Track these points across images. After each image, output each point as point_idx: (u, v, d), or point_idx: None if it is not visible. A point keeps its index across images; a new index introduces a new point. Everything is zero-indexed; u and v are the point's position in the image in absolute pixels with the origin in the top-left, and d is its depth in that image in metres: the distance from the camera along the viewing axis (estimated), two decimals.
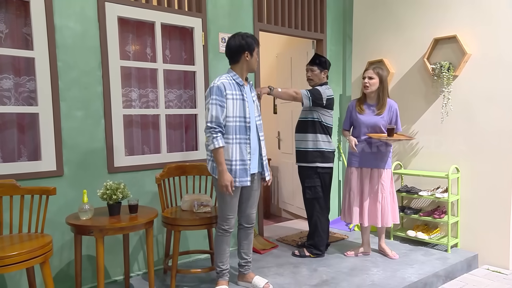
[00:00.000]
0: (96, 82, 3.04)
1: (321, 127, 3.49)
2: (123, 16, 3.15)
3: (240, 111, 2.69)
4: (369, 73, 3.41)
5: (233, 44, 2.72)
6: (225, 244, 2.86)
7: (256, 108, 2.83)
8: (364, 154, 3.47)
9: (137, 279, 3.20)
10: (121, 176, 3.15)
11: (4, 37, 2.73)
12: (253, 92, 2.86)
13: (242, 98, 2.70)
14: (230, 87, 2.66)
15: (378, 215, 3.44)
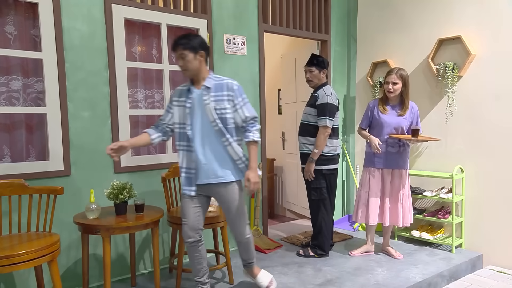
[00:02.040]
0: (103, 83, 3.05)
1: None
2: (130, 17, 3.16)
3: (180, 118, 2.58)
4: (392, 78, 3.34)
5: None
6: (191, 254, 2.69)
7: (213, 113, 2.49)
8: (389, 155, 3.43)
9: (143, 278, 3.22)
10: (127, 176, 3.17)
11: (13, 39, 2.75)
12: (211, 93, 2.53)
13: (183, 105, 2.56)
14: (178, 94, 2.61)
15: (399, 215, 3.44)
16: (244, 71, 3.86)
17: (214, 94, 2.53)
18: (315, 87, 3.55)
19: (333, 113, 3.41)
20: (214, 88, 2.54)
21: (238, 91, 2.57)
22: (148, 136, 2.61)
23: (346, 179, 4.85)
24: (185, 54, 2.45)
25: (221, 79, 2.59)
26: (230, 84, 2.55)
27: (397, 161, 3.43)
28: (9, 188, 2.46)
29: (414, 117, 3.44)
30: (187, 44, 2.45)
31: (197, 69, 2.51)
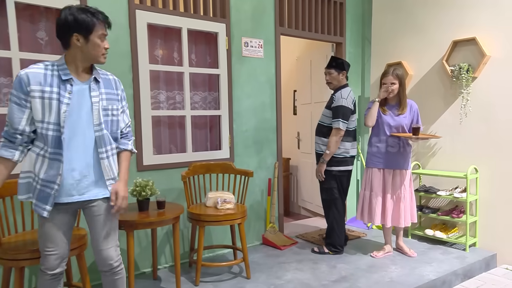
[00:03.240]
0: (127, 85, 3.11)
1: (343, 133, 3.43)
2: (152, 22, 3.21)
3: (55, 116, 1.86)
4: (389, 79, 3.31)
5: (58, 20, 1.88)
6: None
7: (99, 115, 1.96)
8: (388, 155, 3.40)
9: (164, 271, 3.26)
10: (149, 174, 3.22)
11: (44, 44, 2.83)
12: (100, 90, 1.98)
13: (57, 98, 1.86)
14: (42, 79, 1.84)
15: (401, 216, 3.40)
16: (261, 73, 3.89)
17: (105, 91, 2.00)
18: (335, 89, 3.54)
19: (347, 116, 3.40)
20: (104, 83, 2.01)
21: (123, 91, 2.14)
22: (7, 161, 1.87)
23: (359, 179, 4.83)
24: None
25: (105, 73, 2.06)
26: (118, 82, 2.11)
27: (398, 161, 3.40)
28: None
29: (414, 115, 3.40)
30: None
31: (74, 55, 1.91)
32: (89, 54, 1.91)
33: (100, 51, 1.94)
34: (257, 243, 3.93)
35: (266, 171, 3.97)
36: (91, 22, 1.88)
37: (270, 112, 3.97)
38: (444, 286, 3.09)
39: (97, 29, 1.90)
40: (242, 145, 3.80)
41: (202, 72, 3.57)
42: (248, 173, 3.21)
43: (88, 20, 1.87)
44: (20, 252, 2.17)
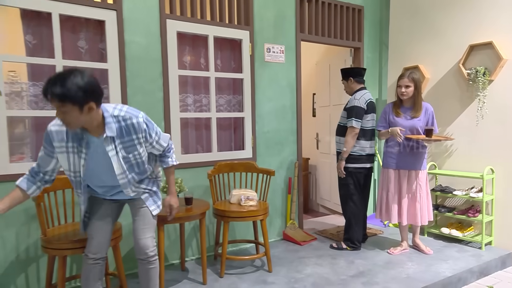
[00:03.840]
0: (158, 89, 3.18)
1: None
2: (181, 30, 3.27)
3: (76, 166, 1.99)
4: (405, 81, 3.29)
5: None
6: (88, 274, 2.15)
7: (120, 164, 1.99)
8: (402, 156, 3.37)
9: (191, 263, 3.32)
10: (178, 172, 3.22)
11: (84, 52, 2.93)
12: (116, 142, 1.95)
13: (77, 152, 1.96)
14: (64, 136, 1.92)
15: (417, 215, 3.37)
16: (282, 78, 3.91)
17: (120, 141, 1.95)
18: (351, 94, 3.62)
19: (360, 115, 3.43)
20: (119, 133, 1.93)
21: (149, 126, 2.01)
22: (21, 192, 1.96)
23: (377, 178, 4.80)
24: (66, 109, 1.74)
25: (123, 118, 1.92)
26: (138, 125, 1.95)
27: (412, 162, 3.36)
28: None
29: (429, 117, 3.34)
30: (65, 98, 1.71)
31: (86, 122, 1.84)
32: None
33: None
34: (278, 238, 3.96)
35: (286, 170, 4.00)
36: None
37: (290, 115, 3.99)
38: (460, 283, 3.05)
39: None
40: (264, 146, 3.83)
41: (227, 76, 3.61)
42: (270, 172, 3.23)
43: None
44: (63, 242, 2.26)
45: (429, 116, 3.35)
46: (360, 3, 4.48)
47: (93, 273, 2.15)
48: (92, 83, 1.78)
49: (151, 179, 2.25)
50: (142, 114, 1.99)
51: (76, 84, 1.71)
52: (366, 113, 3.49)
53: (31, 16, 2.70)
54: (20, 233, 2.67)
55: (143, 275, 2.23)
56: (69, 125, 1.82)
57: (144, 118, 1.98)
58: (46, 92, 1.71)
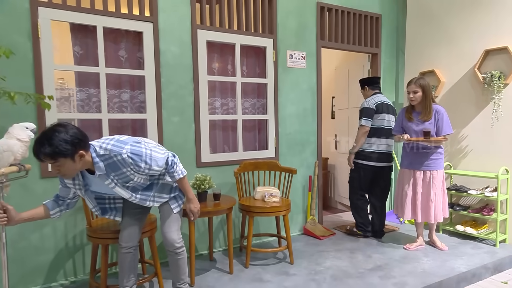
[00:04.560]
0: (189, 94, 3.27)
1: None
2: (211, 39, 3.35)
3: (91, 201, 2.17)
4: (412, 88, 3.29)
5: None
6: (123, 261, 2.25)
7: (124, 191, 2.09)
8: (415, 156, 3.37)
9: (219, 254, 3.39)
10: (207, 170, 3.35)
11: (124, 61, 3.05)
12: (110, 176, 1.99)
13: (84, 189, 2.08)
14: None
15: (431, 213, 3.34)
16: (304, 82, 3.95)
17: (114, 175, 1.99)
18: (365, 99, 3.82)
19: (369, 114, 3.62)
20: (110, 169, 1.96)
21: (135, 159, 1.95)
22: (46, 209, 2.06)
23: (393, 177, 4.77)
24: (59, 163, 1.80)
25: (109, 156, 1.92)
26: (123, 160, 1.93)
27: (424, 162, 3.34)
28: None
29: (438, 120, 3.28)
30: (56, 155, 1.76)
31: (81, 167, 1.90)
32: None
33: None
34: (299, 233, 4.00)
35: (307, 169, 4.03)
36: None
37: (311, 117, 4.02)
38: (474, 279, 3.01)
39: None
40: (286, 146, 3.87)
41: (252, 81, 3.66)
42: (292, 170, 3.25)
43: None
44: (105, 232, 2.38)
45: (438, 118, 3.29)
46: (378, 11, 4.47)
47: (127, 260, 2.26)
48: (76, 134, 1.80)
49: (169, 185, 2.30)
50: (127, 149, 1.93)
51: (62, 140, 1.75)
52: (377, 113, 3.63)
53: (79, 29, 2.85)
54: (68, 223, 2.82)
55: (173, 264, 2.34)
56: (66, 175, 1.88)
57: (128, 153, 1.92)
58: (38, 154, 1.75)
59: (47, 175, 2.71)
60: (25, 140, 2.03)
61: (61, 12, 2.69)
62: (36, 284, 2.73)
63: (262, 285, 2.73)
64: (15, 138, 2.00)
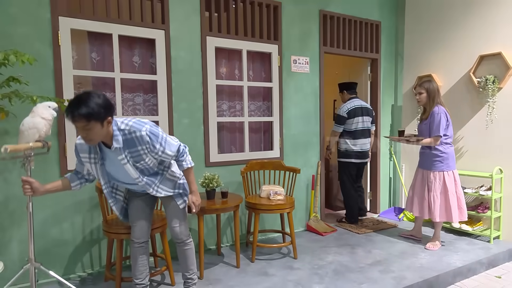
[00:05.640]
0: (198, 97, 3.29)
1: (345, 133, 4.06)
2: (219, 46, 3.38)
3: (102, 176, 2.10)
4: (417, 89, 3.38)
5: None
6: (135, 255, 2.28)
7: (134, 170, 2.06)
8: (420, 156, 3.47)
9: (226, 249, 3.42)
10: (215, 169, 3.37)
11: (137, 66, 3.09)
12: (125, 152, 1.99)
13: (99, 163, 2.05)
14: (86, 149, 2.01)
15: (424, 210, 3.39)
16: (307, 86, 3.97)
17: (128, 151, 1.99)
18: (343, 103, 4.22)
19: (339, 121, 4.04)
20: (126, 145, 1.98)
21: (152, 138, 1.99)
22: (67, 182, 2.10)
23: (392, 176, 4.79)
24: (90, 126, 1.81)
25: (128, 131, 1.96)
26: (141, 137, 1.97)
27: (424, 162, 3.39)
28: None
29: (431, 121, 3.25)
30: (90, 116, 1.79)
31: (104, 135, 1.92)
32: None
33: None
34: (302, 229, 4.02)
35: (310, 169, 4.06)
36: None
37: (314, 119, 4.05)
38: (470, 273, 3.03)
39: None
40: (291, 147, 3.90)
41: (258, 85, 3.68)
42: (296, 170, 3.27)
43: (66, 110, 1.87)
44: (120, 227, 2.42)
45: (431, 119, 3.26)
46: (378, 18, 4.49)
47: (139, 254, 2.29)
48: (108, 100, 1.87)
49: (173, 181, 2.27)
50: (147, 127, 1.97)
51: (97, 103, 1.80)
52: (349, 118, 4.00)
53: (96, 37, 2.90)
54: (85, 219, 2.87)
55: (181, 255, 2.38)
56: (92, 141, 1.88)
57: (147, 131, 1.96)
58: (73, 114, 1.77)
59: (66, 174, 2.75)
60: (49, 118, 2.08)
61: (79, 21, 2.75)
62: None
63: (267, 278, 2.76)
64: (39, 116, 2.05)
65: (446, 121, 3.23)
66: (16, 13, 2.57)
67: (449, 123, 3.26)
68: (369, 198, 4.77)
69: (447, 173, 3.28)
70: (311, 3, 3.93)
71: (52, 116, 2.13)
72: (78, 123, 1.80)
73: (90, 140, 1.88)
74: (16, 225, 2.63)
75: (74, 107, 1.77)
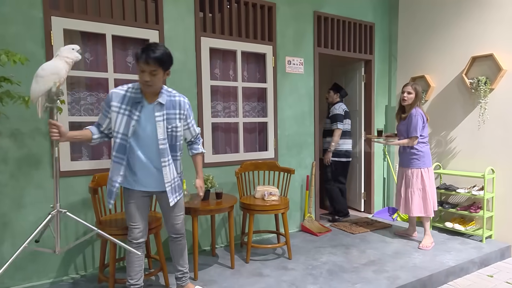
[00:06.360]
0: (193, 97, 3.28)
1: (343, 133, 4.23)
2: (213, 46, 3.37)
3: (124, 128, 2.06)
4: (408, 88, 3.41)
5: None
6: (132, 257, 2.25)
7: (163, 131, 2.10)
8: (400, 156, 3.59)
9: (221, 250, 3.41)
10: (209, 170, 3.35)
11: (131, 66, 3.07)
12: (163, 111, 2.10)
13: (129, 115, 2.05)
14: (120, 99, 2.05)
15: (401, 205, 3.53)
16: (301, 87, 3.98)
17: (166, 112, 2.10)
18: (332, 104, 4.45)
19: (341, 119, 4.22)
20: (167, 105, 2.10)
21: (190, 109, 2.22)
22: (90, 133, 2.11)
23: (386, 177, 4.81)
24: (157, 72, 1.98)
25: (173, 94, 2.14)
26: (183, 103, 2.16)
27: (403, 161, 3.53)
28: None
29: (409, 121, 3.37)
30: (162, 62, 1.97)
31: (159, 86, 2.06)
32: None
33: (141, 81, 2.03)
34: (296, 230, 4.02)
35: (304, 169, 4.06)
36: (135, 57, 2.02)
37: (308, 120, 4.05)
38: (462, 273, 3.05)
39: (138, 64, 2.00)
40: (285, 147, 3.90)
41: (253, 86, 3.68)
42: (290, 170, 3.28)
43: (136, 56, 2.00)
44: (114, 228, 2.40)
45: (409, 120, 3.38)
46: (371, 20, 4.51)
47: (136, 255, 2.26)
48: (171, 54, 2.05)
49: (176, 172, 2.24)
50: (187, 100, 2.20)
51: (166, 53, 2.00)
52: (345, 118, 4.24)
53: (89, 37, 2.87)
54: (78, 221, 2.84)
55: (177, 250, 2.40)
56: (152, 86, 2.01)
57: (187, 101, 2.19)
58: (148, 56, 1.92)
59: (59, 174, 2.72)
60: (72, 61, 2.00)
61: (72, 21, 2.72)
62: (49, 277, 2.75)
63: (262, 279, 2.75)
64: (64, 60, 1.97)
65: (422, 122, 3.37)
66: (8, 12, 2.53)
67: (425, 124, 3.40)
68: (363, 198, 4.79)
69: (423, 170, 3.41)
70: (306, 4, 3.93)
71: (76, 59, 2.02)
72: (148, 67, 1.94)
73: (151, 86, 1.99)
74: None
75: (151, 51, 1.93)
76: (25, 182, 2.63)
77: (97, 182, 2.53)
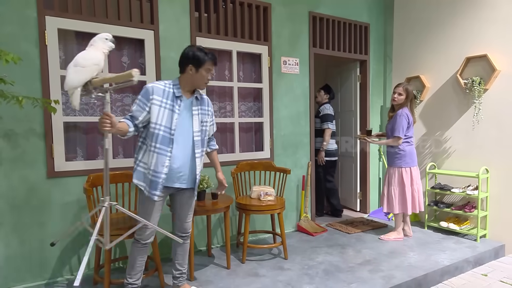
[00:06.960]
0: None
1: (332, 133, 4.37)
2: (209, 46, 3.33)
3: (167, 121, 2.13)
4: (399, 90, 3.46)
5: (182, 53, 2.23)
6: (136, 255, 2.27)
7: (198, 124, 2.25)
8: (386, 155, 3.66)
9: (217, 250, 3.40)
10: (205, 170, 3.27)
11: (126, 67, 3.05)
12: (199, 106, 2.26)
13: (171, 109, 2.15)
14: (161, 93, 2.13)
15: (384, 203, 3.60)
16: (297, 87, 3.98)
17: (201, 107, 2.29)
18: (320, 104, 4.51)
19: (332, 119, 4.36)
20: (201, 101, 2.30)
21: (211, 106, 2.41)
22: (127, 126, 2.10)
23: (381, 177, 4.82)
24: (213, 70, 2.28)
25: (201, 93, 2.32)
26: (209, 101, 2.38)
27: (388, 160, 3.61)
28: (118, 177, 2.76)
29: (394, 121, 3.46)
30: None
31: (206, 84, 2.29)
32: (196, 81, 2.21)
33: (203, 80, 2.22)
34: (292, 230, 4.02)
35: (300, 169, 4.06)
36: (202, 58, 2.16)
37: (304, 120, 4.05)
38: (457, 272, 3.07)
39: (206, 65, 2.18)
40: (281, 147, 3.90)
41: (248, 86, 3.67)
42: (286, 170, 3.28)
43: (201, 57, 2.16)
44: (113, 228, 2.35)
45: (395, 120, 3.45)
46: (366, 20, 4.52)
47: (140, 255, 2.28)
48: None
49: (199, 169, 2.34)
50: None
51: None
52: (333, 119, 4.40)
53: (83, 37, 2.84)
54: (73, 222, 2.82)
55: (182, 250, 2.43)
56: (207, 84, 2.25)
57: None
58: (215, 58, 2.22)
59: (53, 175, 2.71)
60: (107, 52, 1.96)
61: (66, 21, 2.70)
62: (43, 278, 2.73)
63: (258, 279, 2.75)
64: (101, 51, 1.93)
65: (407, 123, 3.42)
66: (2, 12, 2.51)
67: (410, 124, 3.45)
68: (359, 198, 4.80)
69: (404, 169, 3.48)
70: (301, 4, 3.94)
71: (110, 49, 1.97)
72: (214, 67, 2.23)
73: (207, 82, 2.24)
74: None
75: (211, 54, 2.21)
76: (19, 183, 2.60)
77: (92, 183, 2.51)
